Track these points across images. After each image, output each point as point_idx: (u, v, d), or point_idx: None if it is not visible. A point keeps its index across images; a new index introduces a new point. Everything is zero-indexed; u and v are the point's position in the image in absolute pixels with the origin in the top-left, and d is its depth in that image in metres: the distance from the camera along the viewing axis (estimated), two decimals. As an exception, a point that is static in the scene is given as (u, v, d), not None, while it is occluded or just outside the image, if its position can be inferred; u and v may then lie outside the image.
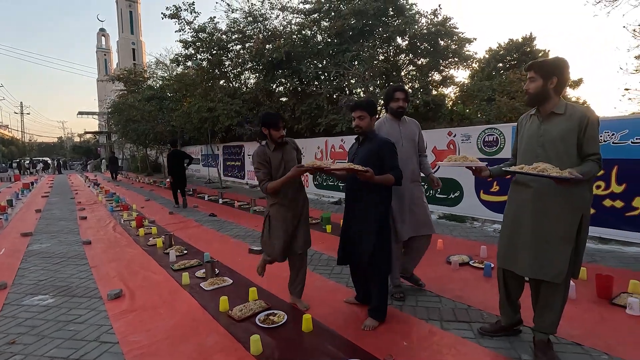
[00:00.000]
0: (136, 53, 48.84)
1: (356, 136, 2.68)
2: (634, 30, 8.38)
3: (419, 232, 2.92)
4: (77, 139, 59.52)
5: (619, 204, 4.25)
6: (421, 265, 3.25)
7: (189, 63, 11.23)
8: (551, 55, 21.24)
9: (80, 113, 37.02)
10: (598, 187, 4.36)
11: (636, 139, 4.09)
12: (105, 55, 57.76)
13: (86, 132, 40.34)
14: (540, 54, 22.43)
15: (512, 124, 5.40)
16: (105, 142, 32.80)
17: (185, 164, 8.02)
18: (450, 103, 10.63)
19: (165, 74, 17.31)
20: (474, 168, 2.20)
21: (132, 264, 4.12)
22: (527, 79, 2.05)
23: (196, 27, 10.03)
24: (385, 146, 2.44)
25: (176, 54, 11.15)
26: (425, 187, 5.86)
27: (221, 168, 14.04)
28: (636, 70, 8.72)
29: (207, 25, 10.20)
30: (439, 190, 6.06)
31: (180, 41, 10.34)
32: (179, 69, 13.45)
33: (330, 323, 2.59)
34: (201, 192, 10.85)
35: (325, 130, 9.02)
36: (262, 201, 8.52)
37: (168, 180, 13.76)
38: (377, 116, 2.65)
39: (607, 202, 4.34)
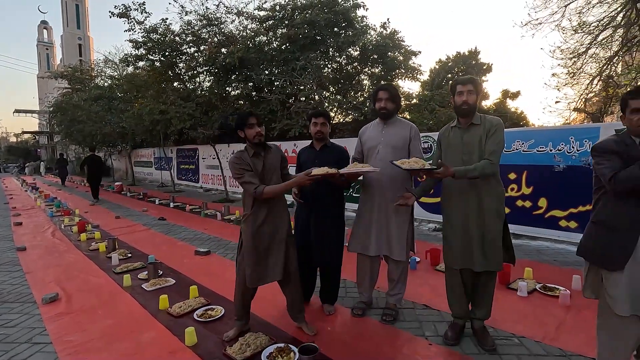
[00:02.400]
0: (83, 49, 45.83)
1: (310, 141, 2.87)
2: (553, 51, 9.49)
3: (388, 252, 2.63)
4: (13, 139, 54.44)
5: (528, 204, 4.90)
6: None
7: (140, 64, 10.92)
8: (494, 68, 22.93)
9: (18, 111, 34.15)
10: (512, 189, 4.99)
11: (540, 147, 4.75)
12: (47, 49, 53.61)
13: (24, 132, 37.18)
14: (484, 67, 24.37)
15: (444, 133, 5.98)
16: (46, 143, 30.42)
17: (102, 168, 10.45)
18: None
19: (115, 73, 16.56)
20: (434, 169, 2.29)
21: (71, 269, 4.05)
22: (467, 92, 2.20)
23: (147, 28, 9.81)
24: (343, 155, 2.79)
25: (125, 54, 10.78)
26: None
27: (175, 171, 13.71)
28: (556, 87, 9.86)
29: (159, 26, 10.01)
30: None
31: (130, 41, 10.04)
32: (130, 69, 12.97)
33: (267, 316, 2.81)
34: (152, 195, 10.57)
35: (279, 135, 9.23)
36: (214, 205, 8.53)
37: (118, 183, 13.21)
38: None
39: (519, 203, 4.97)
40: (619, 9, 8.19)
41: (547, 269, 3.72)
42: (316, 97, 8.39)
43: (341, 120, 10.62)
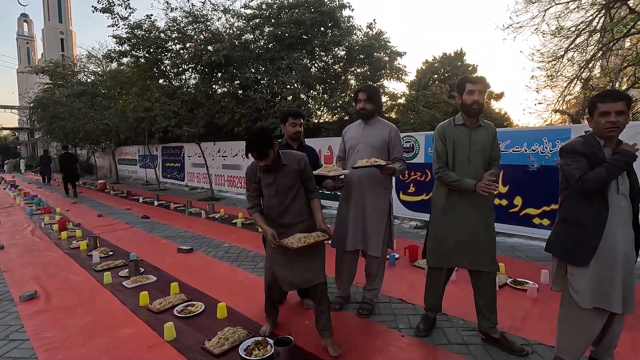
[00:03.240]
0: (65, 44, 44.72)
1: (281, 140, 2.89)
2: (532, 54, 9.77)
3: (364, 248, 2.72)
4: (-9, 136, 52.73)
5: (504, 202, 5.07)
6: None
7: (125, 60, 10.76)
8: (479, 70, 23.33)
9: (-4, 107, 33.00)
10: (489, 188, 5.15)
11: (516, 148, 4.92)
12: (27, 43, 52.07)
13: (3, 128, 36.04)
14: (470, 68, 24.83)
15: (425, 133, 6.12)
16: (26, 139, 29.60)
17: (75, 165, 10.89)
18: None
19: (98, 69, 16.25)
20: (383, 165, 2.41)
21: (51, 267, 4.02)
22: (478, 91, 2.18)
23: (132, 24, 9.69)
24: (316, 156, 2.90)
25: (109, 50, 10.60)
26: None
27: (160, 169, 13.57)
28: (536, 89, 10.15)
29: (144, 22, 9.89)
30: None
31: (114, 37, 9.89)
32: (113, 65, 12.76)
33: (246, 311, 2.86)
34: (136, 194, 10.45)
35: (265, 134, 9.24)
36: (199, 203, 8.51)
37: (101, 181, 13.00)
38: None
39: (496, 201, 5.13)
40: (594, 14, 8.50)
41: (520, 265, 3.88)
42: (302, 96, 8.45)
43: (327, 119, 10.70)
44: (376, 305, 2.92)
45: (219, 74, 10.05)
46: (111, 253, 4.49)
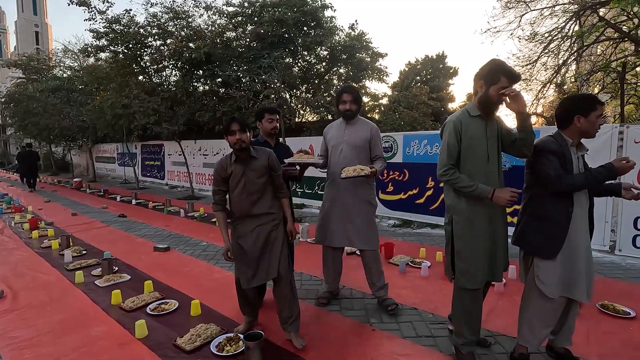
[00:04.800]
0: (40, 37, 43.15)
1: (258, 138, 2.92)
2: (507, 58, 10.10)
3: (354, 245, 2.79)
4: (-40, 131, 50.26)
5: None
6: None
7: (102, 55, 10.51)
8: (460, 72, 23.69)
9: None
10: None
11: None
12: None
13: (-28, 124, 34.43)
14: (451, 70, 25.34)
15: (403, 133, 6.24)
16: (-2, 136, 28.42)
17: (35, 162, 11.30)
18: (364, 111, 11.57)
19: (75, 64, 15.77)
20: (368, 174, 2.50)
21: (19, 266, 3.91)
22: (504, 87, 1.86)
23: (110, 18, 9.46)
24: (291, 153, 2.92)
25: (86, 44, 10.32)
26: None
27: (139, 168, 13.29)
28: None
29: (122, 17, 9.68)
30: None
31: (91, 31, 9.64)
32: (91, 60, 12.42)
33: (221, 308, 2.87)
34: (114, 192, 10.21)
35: (246, 132, 9.21)
36: (178, 202, 8.40)
37: (77, 180, 12.62)
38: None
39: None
40: (566, 21, 8.85)
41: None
42: (285, 95, 8.46)
43: (309, 119, 10.74)
44: (351, 301, 2.98)
45: (200, 72, 9.96)
46: (84, 252, 4.40)
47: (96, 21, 9.48)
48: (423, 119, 9.17)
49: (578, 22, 8.34)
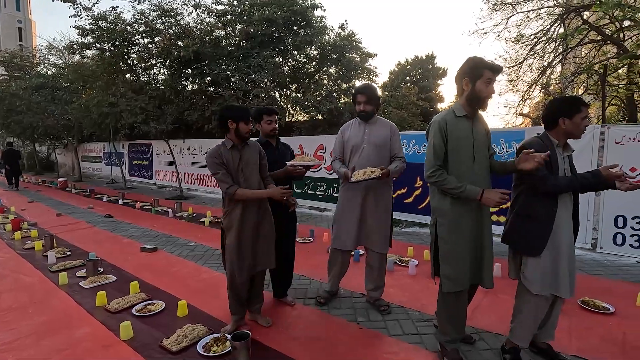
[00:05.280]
0: (24, 33, 42.12)
1: (258, 138, 2.88)
2: (495, 59, 10.26)
3: (365, 244, 2.79)
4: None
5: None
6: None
7: (89, 52, 10.30)
8: (449, 73, 24.00)
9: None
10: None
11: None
12: (-19, 31, 48.53)
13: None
14: (440, 71, 25.61)
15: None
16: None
17: (18, 161, 11.51)
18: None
19: (60, 61, 15.44)
20: (379, 175, 2.45)
21: (1, 268, 3.81)
22: (492, 82, 1.92)
23: (96, 15, 9.29)
24: (292, 152, 3.02)
25: (71, 41, 10.11)
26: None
27: (126, 167, 13.09)
28: (499, 94, 10.68)
29: (108, 14, 9.51)
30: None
31: (76, 28, 9.45)
32: (76, 58, 12.17)
33: (209, 309, 2.85)
34: (100, 192, 10.04)
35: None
36: (166, 202, 8.30)
37: (62, 179, 12.36)
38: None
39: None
40: (551, 23, 9.03)
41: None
42: (274, 94, 8.43)
43: (299, 118, 10.72)
44: (338, 300, 3.00)
45: (189, 70, 9.85)
46: (69, 253, 4.32)
47: (82, 18, 9.30)
48: (412, 119, 9.24)
49: (562, 24, 8.51)
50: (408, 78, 25.05)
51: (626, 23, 7.33)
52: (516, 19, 9.80)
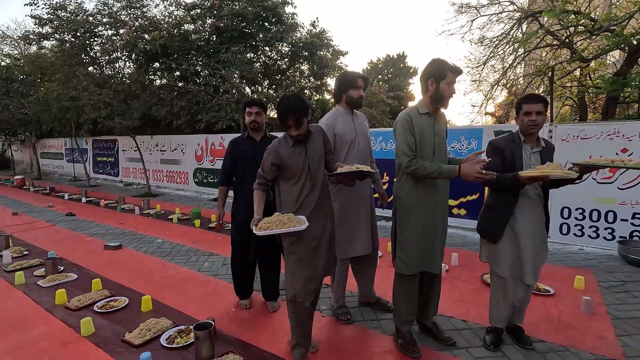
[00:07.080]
0: (-26, 20, 39.02)
1: (243, 133, 2.74)
2: (459, 60, 10.72)
3: (374, 246, 2.66)
4: None
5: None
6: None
7: (47, 43, 9.78)
8: (420, 72, 24.89)
9: None
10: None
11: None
12: None
13: None
14: (411, 70, 26.24)
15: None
16: None
17: None
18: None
19: (15, 52, 14.53)
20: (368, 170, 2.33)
21: (-50, 270, 3.62)
22: (454, 83, 2.05)
23: (54, 4, 8.84)
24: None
25: (27, 31, 9.57)
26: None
27: (90, 164, 12.55)
28: (464, 93, 11.16)
29: (68, 3, 9.08)
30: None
31: (33, 17, 8.95)
32: (33, 48, 11.52)
33: (174, 303, 2.86)
34: (61, 190, 9.59)
35: (206, 127, 9.02)
36: (133, 199, 8.07)
37: (19, 177, 11.67)
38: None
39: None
40: (512, 27, 9.52)
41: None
42: (245, 90, 8.38)
43: (271, 115, 10.70)
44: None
45: (157, 64, 9.59)
46: (26, 252, 4.15)
47: (38, 6, 8.84)
48: (381, 117, 9.48)
49: (520, 28, 8.99)
50: (380, 77, 25.50)
51: (580, 28, 7.86)
52: (480, 22, 10.27)
